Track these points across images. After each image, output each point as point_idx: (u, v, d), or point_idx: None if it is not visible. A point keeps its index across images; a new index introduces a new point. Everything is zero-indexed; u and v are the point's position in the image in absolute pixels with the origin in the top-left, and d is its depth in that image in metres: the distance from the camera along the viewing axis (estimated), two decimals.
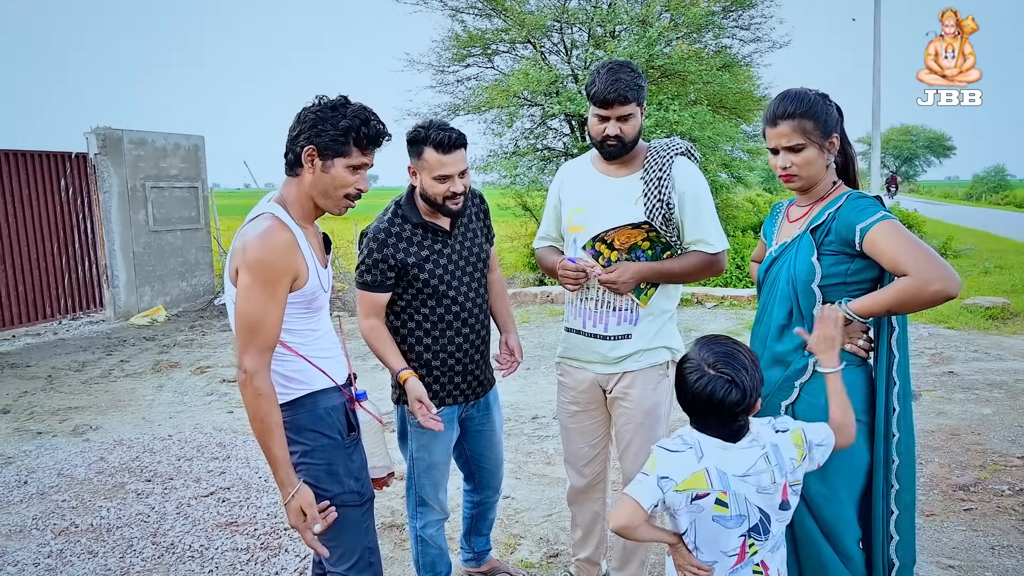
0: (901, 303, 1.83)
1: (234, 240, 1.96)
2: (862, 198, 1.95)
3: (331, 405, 2.04)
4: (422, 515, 2.69)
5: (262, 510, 3.77)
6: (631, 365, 2.51)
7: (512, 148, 13.19)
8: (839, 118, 2.05)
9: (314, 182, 1.96)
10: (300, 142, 1.93)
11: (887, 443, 1.96)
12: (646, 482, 1.71)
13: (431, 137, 2.38)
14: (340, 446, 2.04)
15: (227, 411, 5.59)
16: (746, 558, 1.78)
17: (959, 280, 1.80)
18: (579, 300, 2.55)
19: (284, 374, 1.97)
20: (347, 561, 2.06)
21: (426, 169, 2.42)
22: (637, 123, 2.43)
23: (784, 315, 2.03)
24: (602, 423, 2.68)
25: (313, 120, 1.91)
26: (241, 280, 1.87)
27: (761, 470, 1.74)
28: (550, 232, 2.74)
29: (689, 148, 2.53)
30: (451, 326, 2.56)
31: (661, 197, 2.40)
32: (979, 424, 4.81)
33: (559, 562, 3.22)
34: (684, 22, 11.91)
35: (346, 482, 2.04)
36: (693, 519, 1.75)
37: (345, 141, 1.91)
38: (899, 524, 2.00)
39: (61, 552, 3.39)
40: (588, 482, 2.74)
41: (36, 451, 4.74)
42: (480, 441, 2.81)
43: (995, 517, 3.53)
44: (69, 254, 9.23)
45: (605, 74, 2.38)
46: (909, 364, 2.01)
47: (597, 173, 2.56)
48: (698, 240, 2.46)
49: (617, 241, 2.45)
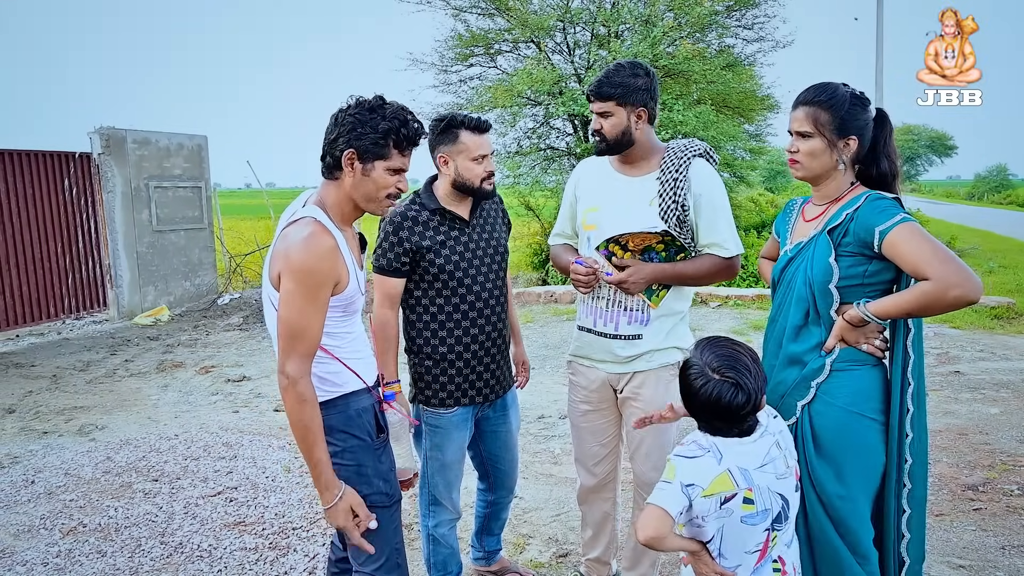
0: (921, 307, 1.82)
1: (275, 242, 1.94)
2: (881, 199, 1.93)
3: (362, 407, 2.05)
4: (435, 514, 2.69)
5: (270, 509, 3.76)
6: (642, 365, 2.51)
7: (515, 148, 13.17)
8: (871, 125, 2.00)
9: (355, 185, 1.94)
10: (339, 145, 1.91)
11: (900, 443, 1.96)
12: (669, 490, 1.70)
13: (466, 121, 2.48)
14: (370, 447, 2.05)
15: (232, 411, 5.59)
16: (768, 552, 1.78)
17: (980, 285, 1.80)
18: (591, 299, 2.55)
19: (319, 375, 1.97)
20: (375, 561, 2.07)
21: (464, 152, 2.48)
22: (619, 122, 2.43)
23: (801, 316, 2.02)
24: (613, 422, 2.67)
25: (352, 123, 1.89)
26: (284, 286, 1.86)
27: (775, 457, 1.78)
28: (565, 229, 2.74)
29: (708, 150, 2.52)
30: (467, 316, 2.55)
31: (676, 198, 2.39)
32: (987, 424, 4.81)
33: (568, 562, 3.21)
34: (688, 22, 11.89)
35: (375, 483, 2.05)
36: (721, 524, 1.74)
37: (385, 144, 1.90)
38: (910, 522, 2.00)
39: (70, 552, 3.38)
40: (599, 481, 2.74)
41: (42, 451, 4.74)
42: (496, 442, 2.80)
43: (1004, 517, 3.52)
44: (73, 254, 9.23)
45: (603, 70, 2.45)
46: (924, 365, 2.00)
47: (614, 172, 2.56)
48: (712, 243, 2.45)
49: (632, 243, 2.44)
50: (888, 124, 2.03)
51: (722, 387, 1.70)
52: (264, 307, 2.03)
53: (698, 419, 1.80)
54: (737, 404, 1.70)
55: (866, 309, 1.90)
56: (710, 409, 1.73)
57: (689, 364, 1.79)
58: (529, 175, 12.96)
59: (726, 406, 1.70)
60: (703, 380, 1.73)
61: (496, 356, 2.64)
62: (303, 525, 3.58)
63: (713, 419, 1.75)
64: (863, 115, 1.99)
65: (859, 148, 2.00)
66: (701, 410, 1.76)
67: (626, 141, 2.46)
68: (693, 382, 1.75)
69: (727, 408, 1.70)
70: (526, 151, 13.10)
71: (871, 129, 2.01)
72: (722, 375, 1.71)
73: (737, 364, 1.73)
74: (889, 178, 2.01)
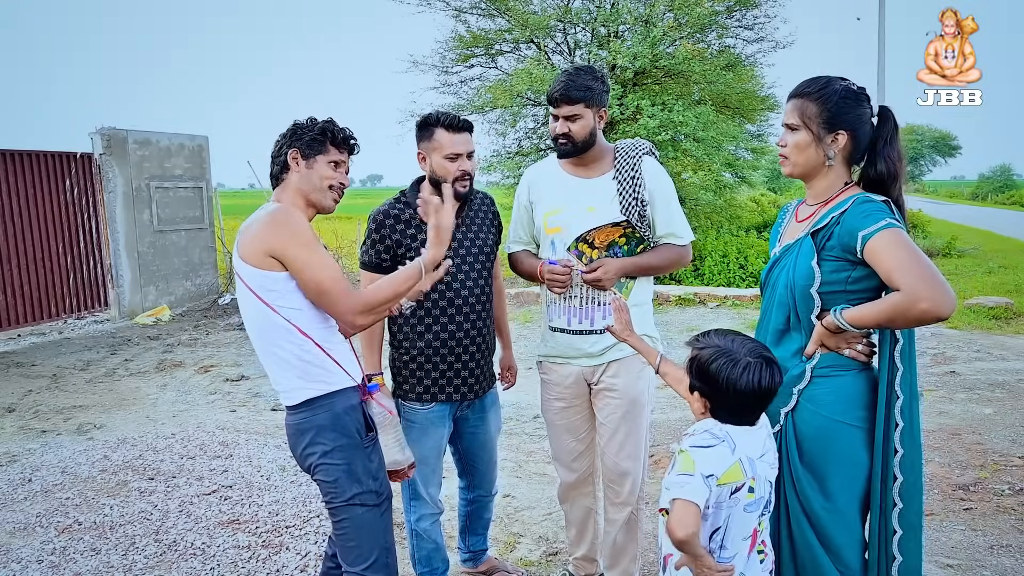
0: (889, 318, 1.76)
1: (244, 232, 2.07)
2: (869, 202, 1.84)
3: (349, 405, 2.10)
4: (415, 508, 2.72)
5: (264, 508, 3.79)
6: (615, 354, 2.58)
7: (515, 148, 13.19)
8: (869, 122, 1.92)
9: (302, 179, 2.14)
10: (284, 151, 2.16)
11: (886, 458, 1.87)
12: (693, 483, 1.67)
13: (441, 119, 2.51)
14: (359, 446, 2.09)
15: (230, 410, 5.62)
16: (757, 538, 1.80)
17: (952, 301, 1.71)
18: (563, 299, 2.61)
19: (303, 363, 2.05)
20: (364, 561, 2.10)
21: (436, 149, 2.51)
22: (586, 124, 2.51)
23: (782, 320, 1.97)
24: (588, 417, 2.72)
25: (291, 131, 2.17)
26: (289, 261, 1.99)
27: (769, 447, 1.81)
28: (521, 235, 2.77)
29: (651, 148, 2.65)
30: (446, 313, 2.58)
31: (636, 195, 2.51)
32: (980, 424, 4.81)
33: (558, 560, 3.23)
34: (688, 22, 11.88)
35: (365, 481, 2.09)
36: (728, 514, 1.74)
37: (323, 140, 2.15)
38: (903, 544, 1.89)
39: (64, 549, 3.41)
40: (578, 477, 2.78)
41: (41, 449, 4.78)
42: (474, 442, 2.83)
43: (994, 516, 3.53)
44: (74, 254, 9.28)
45: (560, 75, 2.51)
46: (916, 378, 1.90)
47: (567, 175, 2.63)
48: (669, 234, 2.59)
49: (597, 240, 2.54)
50: (890, 123, 1.92)
51: (762, 370, 1.71)
52: (240, 296, 2.11)
53: (726, 406, 1.77)
54: (775, 385, 1.73)
55: (841, 316, 1.83)
56: (755, 394, 1.72)
57: (718, 353, 1.75)
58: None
59: (767, 389, 1.72)
60: (742, 366, 1.71)
61: (476, 356, 2.66)
62: (296, 524, 3.61)
63: (747, 405, 1.74)
64: (856, 109, 1.90)
65: (853, 145, 1.91)
66: (744, 397, 1.73)
67: (591, 142, 2.55)
68: (732, 370, 1.71)
69: (767, 391, 1.72)
70: (526, 151, 13.12)
71: (868, 126, 1.92)
72: (761, 356, 1.73)
73: (763, 348, 1.77)
74: (888, 180, 1.90)
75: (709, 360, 1.76)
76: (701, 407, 1.82)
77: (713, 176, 12.78)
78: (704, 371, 1.77)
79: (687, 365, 1.85)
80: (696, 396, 1.82)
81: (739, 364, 1.71)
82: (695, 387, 1.82)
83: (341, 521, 2.10)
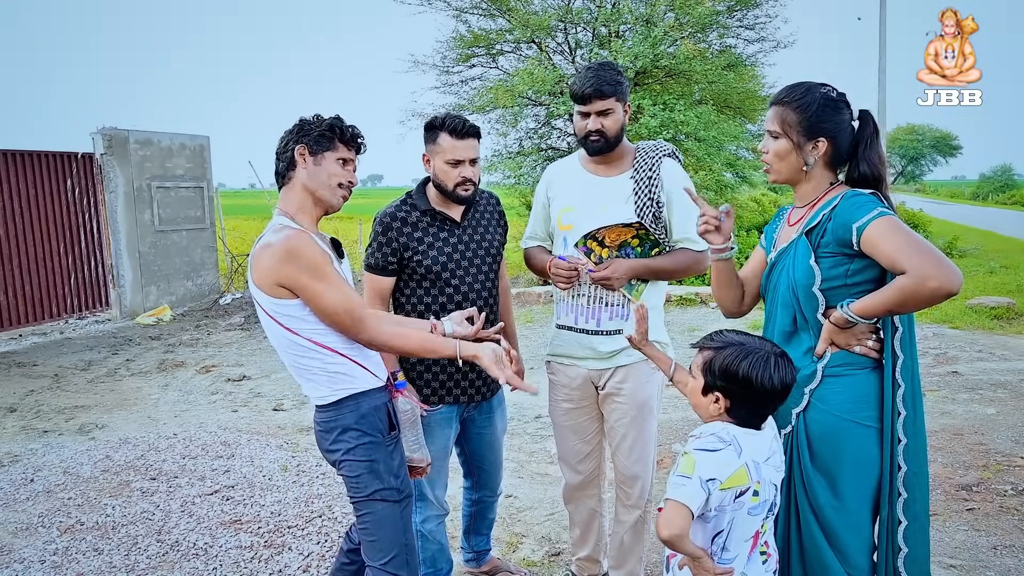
0: (900, 302, 1.76)
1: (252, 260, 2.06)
2: (859, 195, 1.87)
3: (374, 405, 2.14)
4: (421, 509, 2.71)
5: (266, 508, 3.79)
6: (623, 360, 2.56)
7: (517, 148, 13.19)
8: (849, 127, 1.94)
9: (309, 176, 2.11)
10: (291, 147, 2.12)
11: (892, 448, 1.88)
12: (689, 485, 1.67)
13: (447, 123, 2.49)
14: (382, 444, 2.13)
15: (232, 410, 5.62)
16: (759, 539, 1.80)
17: (960, 276, 1.72)
18: (571, 297, 2.59)
19: (329, 374, 2.08)
20: (384, 556, 2.14)
21: (439, 153, 2.49)
22: (618, 119, 2.48)
23: (789, 321, 1.99)
24: (595, 419, 2.71)
25: (298, 127, 2.13)
26: (297, 286, 1.99)
27: (775, 450, 1.81)
28: (538, 232, 2.78)
29: (674, 150, 2.61)
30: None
31: (651, 196, 2.48)
32: (983, 424, 4.81)
33: (561, 560, 3.23)
34: (689, 22, 11.88)
35: (386, 479, 2.13)
36: (732, 517, 1.73)
37: (331, 136, 2.11)
38: (908, 536, 1.89)
39: (67, 549, 3.41)
40: (583, 479, 2.77)
41: (43, 449, 4.78)
42: (480, 443, 2.82)
43: (997, 517, 3.53)
44: (75, 254, 9.28)
45: (584, 72, 2.46)
46: (918, 365, 1.91)
47: (586, 173, 2.62)
48: (685, 238, 2.54)
49: (608, 239, 2.52)
50: (870, 127, 1.95)
51: (788, 366, 1.74)
52: (260, 316, 2.12)
53: (749, 405, 1.76)
54: (794, 382, 1.76)
55: (849, 310, 1.84)
56: (780, 391, 1.73)
57: (745, 352, 1.74)
58: (531, 175, 12.97)
59: (790, 385, 1.74)
60: (773, 363, 1.71)
61: None
62: (298, 523, 3.60)
63: (772, 402, 1.75)
64: (835, 117, 1.93)
65: (833, 150, 1.94)
66: (767, 395, 1.72)
67: (621, 137, 2.53)
68: (762, 367, 1.71)
69: (790, 387, 1.75)
70: (528, 151, 13.12)
71: (849, 131, 1.95)
72: (782, 355, 1.74)
73: (777, 345, 1.78)
74: (872, 182, 1.93)
75: (736, 359, 1.74)
76: (718, 408, 1.79)
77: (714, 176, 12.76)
78: (730, 371, 1.74)
79: (703, 366, 1.80)
80: (712, 397, 1.79)
81: (769, 361, 1.72)
82: (715, 387, 1.78)
83: (363, 516, 2.15)
